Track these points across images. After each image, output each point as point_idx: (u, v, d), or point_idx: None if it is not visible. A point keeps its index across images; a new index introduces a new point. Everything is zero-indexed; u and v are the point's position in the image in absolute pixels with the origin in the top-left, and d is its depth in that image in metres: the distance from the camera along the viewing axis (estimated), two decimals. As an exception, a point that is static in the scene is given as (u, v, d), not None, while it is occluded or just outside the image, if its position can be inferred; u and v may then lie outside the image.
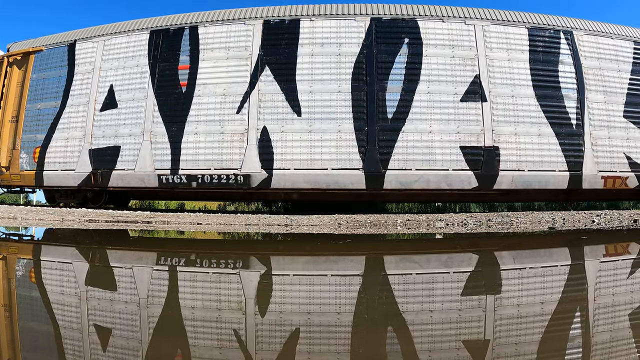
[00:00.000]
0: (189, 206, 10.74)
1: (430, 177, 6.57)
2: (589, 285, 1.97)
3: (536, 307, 1.57)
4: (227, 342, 1.22)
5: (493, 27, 7.18)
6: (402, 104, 6.67)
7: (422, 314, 1.50)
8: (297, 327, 1.35)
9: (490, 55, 7.04)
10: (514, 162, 6.79)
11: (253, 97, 6.74)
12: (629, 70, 7.79)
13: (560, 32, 7.46)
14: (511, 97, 6.96)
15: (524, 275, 2.28)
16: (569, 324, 1.39)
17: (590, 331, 1.28)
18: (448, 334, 1.31)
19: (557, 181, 6.95)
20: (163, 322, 1.38)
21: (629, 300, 1.69)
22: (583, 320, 1.41)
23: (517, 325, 1.38)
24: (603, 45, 7.73)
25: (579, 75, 7.34)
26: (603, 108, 7.42)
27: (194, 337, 1.24)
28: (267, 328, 1.34)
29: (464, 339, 1.26)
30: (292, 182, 6.58)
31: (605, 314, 1.49)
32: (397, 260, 2.95)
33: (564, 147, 7.05)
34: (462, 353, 1.14)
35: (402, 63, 6.80)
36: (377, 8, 7.02)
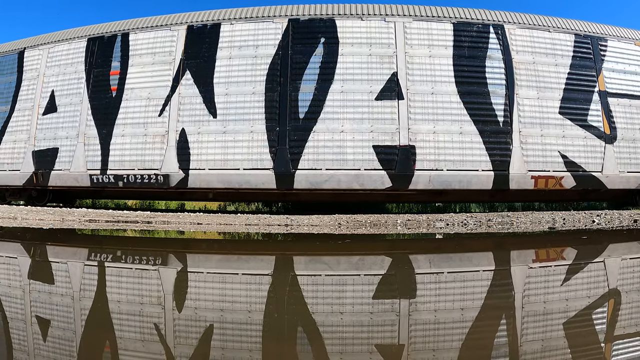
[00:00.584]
0: (189, 206, 11.22)
1: (341, 177, 6.59)
2: (512, 291, 1.99)
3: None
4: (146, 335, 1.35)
5: (415, 24, 7.08)
6: (315, 103, 6.74)
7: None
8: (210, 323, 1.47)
9: (410, 52, 6.95)
10: (432, 162, 6.67)
11: (174, 100, 7.05)
12: (567, 64, 7.42)
13: (489, 26, 7.23)
14: (431, 95, 6.83)
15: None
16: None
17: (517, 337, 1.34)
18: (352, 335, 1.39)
19: (480, 181, 6.75)
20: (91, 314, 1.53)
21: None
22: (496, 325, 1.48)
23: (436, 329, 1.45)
24: (539, 38, 7.41)
25: (509, 71, 7.08)
26: (536, 104, 7.12)
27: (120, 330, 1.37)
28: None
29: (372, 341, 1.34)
30: (207, 182, 6.83)
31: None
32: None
33: (488, 146, 6.83)
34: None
35: (316, 63, 6.87)
36: (296, 9, 7.13)
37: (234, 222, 5.89)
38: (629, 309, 1.61)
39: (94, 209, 7.76)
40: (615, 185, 7.46)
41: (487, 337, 1.34)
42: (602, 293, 1.90)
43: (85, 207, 8.63)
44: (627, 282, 2.09)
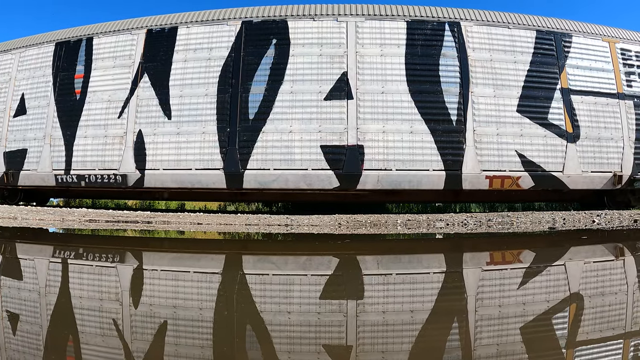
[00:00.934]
0: (189, 206, 11.53)
1: (289, 177, 6.68)
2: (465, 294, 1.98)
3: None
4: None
5: (367, 23, 7.10)
6: (264, 104, 6.85)
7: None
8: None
9: (361, 52, 6.97)
10: (381, 162, 6.68)
11: (132, 103, 7.28)
12: (527, 61, 7.30)
13: (445, 24, 7.17)
14: (381, 94, 6.84)
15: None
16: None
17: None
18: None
19: (430, 181, 6.72)
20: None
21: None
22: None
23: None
24: (497, 35, 7.32)
25: (464, 69, 7.02)
26: (492, 102, 7.03)
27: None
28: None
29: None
30: (162, 182, 7.03)
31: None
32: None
33: (440, 145, 6.79)
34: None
35: (267, 64, 6.97)
36: (250, 11, 7.25)
37: (234, 222, 5.97)
38: (584, 314, 1.60)
39: (94, 209, 7.99)
40: (578, 185, 7.29)
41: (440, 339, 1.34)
42: (560, 297, 1.85)
43: (85, 207, 9.00)
44: (585, 286, 2.06)
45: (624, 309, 1.60)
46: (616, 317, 1.51)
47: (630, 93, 7.95)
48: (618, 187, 7.56)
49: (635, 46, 8.27)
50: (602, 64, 7.85)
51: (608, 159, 7.52)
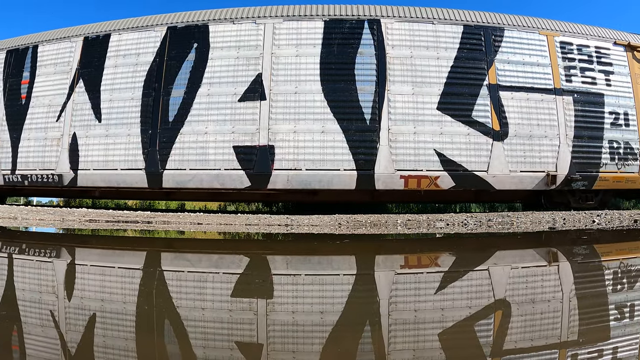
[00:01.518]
0: (189, 206, 12.14)
1: (203, 177, 6.97)
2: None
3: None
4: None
5: (285, 24, 7.26)
6: (183, 107, 7.18)
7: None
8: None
9: (277, 53, 7.15)
10: (291, 162, 6.83)
11: (69, 107, 7.83)
12: (452, 57, 7.22)
13: (364, 21, 7.23)
14: (294, 94, 6.99)
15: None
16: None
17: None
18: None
19: (342, 181, 6.80)
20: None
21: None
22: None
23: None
24: (420, 31, 7.28)
25: (381, 66, 7.05)
26: (410, 100, 7.01)
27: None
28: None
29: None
30: (92, 181, 7.51)
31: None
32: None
33: (352, 145, 6.86)
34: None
35: (188, 68, 7.30)
36: (175, 17, 7.61)
37: (234, 222, 6.11)
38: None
39: (94, 209, 8.34)
40: (505, 185, 7.12)
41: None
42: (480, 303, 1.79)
43: (85, 207, 9.54)
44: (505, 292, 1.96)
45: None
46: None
47: (569, 88, 7.67)
48: (552, 188, 7.31)
49: (578, 39, 7.97)
50: (538, 58, 7.62)
51: (540, 158, 7.30)
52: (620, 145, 7.92)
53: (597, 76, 7.99)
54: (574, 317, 1.48)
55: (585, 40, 8.09)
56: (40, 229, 5.25)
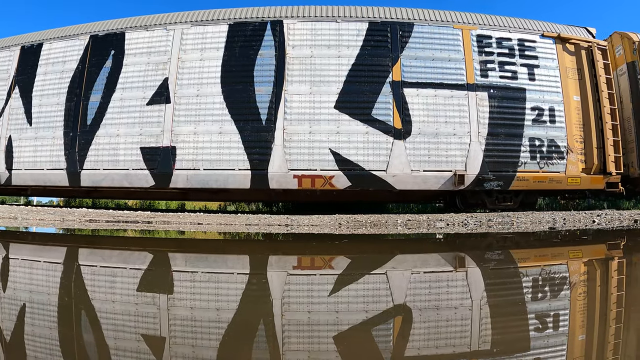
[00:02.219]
0: (189, 206, 13.02)
1: (114, 176, 7.53)
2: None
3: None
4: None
5: (193, 29, 7.69)
6: (99, 111, 7.80)
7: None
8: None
9: (183, 58, 7.60)
10: (190, 162, 7.25)
11: (6, 112, 8.68)
12: (354, 55, 7.35)
13: (267, 23, 7.52)
14: (196, 97, 7.40)
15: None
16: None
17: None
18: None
19: (237, 180, 7.13)
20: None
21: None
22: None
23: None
24: (323, 30, 7.49)
25: (280, 67, 7.32)
26: (307, 100, 7.24)
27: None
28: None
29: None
30: (24, 180, 8.31)
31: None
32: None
33: (247, 145, 7.18)
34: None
35: (105, 74, 7.92)
36: (97, 26, 8.28)
37: (234, 222, 6.26)
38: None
39: (95, 208, 8.82)
40: (407, 186, 7.16)
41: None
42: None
43: (85, 207, 10.22)
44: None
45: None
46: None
47: (484, 83, 7.56)
48: (461, 188, 7.22)
49: (499, 32, 7.83)
50: (450, 53, 7.57)
51: (448, 157, 7.26)
52: (544, 142, 7.67)
53: (519, 70, 7.79)
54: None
55: (507, 33, 7.91)
56: (41, 229, 5.47)
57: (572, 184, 7.79)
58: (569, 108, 7.95)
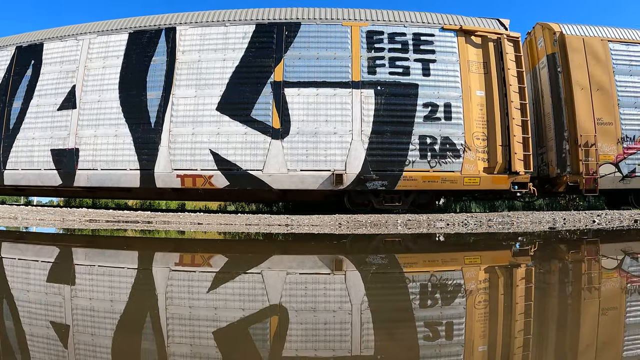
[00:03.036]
0: (189, 206, 14.19)
1: (30, 176, 8.54)
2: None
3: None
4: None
5: (98, 39, 8.50)
6: (20, 116, 8.84)
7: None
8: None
9: (89, 66, 8.43)
10: (90, 162, 8.07)
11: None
12: (238, 57, 7.81)
13: (162, 30, 8.14)
14: (97, 102, 8.21)
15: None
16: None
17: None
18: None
19: (128, 180, 7.85)
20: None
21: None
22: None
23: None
24: (211, 35, 8.00)
25: (170, 72, 7.91)
26: (192, 103, 7.79)
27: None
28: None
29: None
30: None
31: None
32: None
33: (138, 146, 7.86)
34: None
35: (26, 82, 8.96)
36: (21, 38, 9.33)
37: (235, 222, 6.42)
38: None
39: (95, 208, 9.25)
40: (283, 185, 7.48)
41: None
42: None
43: (85, 207, 11.04)
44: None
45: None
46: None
47: (371, 80, 7.69)
48: (341, 188, 7.39)
49: (392, 28, 7.90)
50: (336, 51, 7.77)
51: (327, 157, 7.48)
52: (436, 140, 7.63)
53: (413, 65, 7.80)
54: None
55: (401, 28, 7.93)
56: (41, 229, 5.68)
57: (469, 184, 7.66)
58: (469, 104, 7.81)
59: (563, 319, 1.56)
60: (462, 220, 6.26)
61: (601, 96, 8.59)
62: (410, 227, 5.85)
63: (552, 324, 1.47)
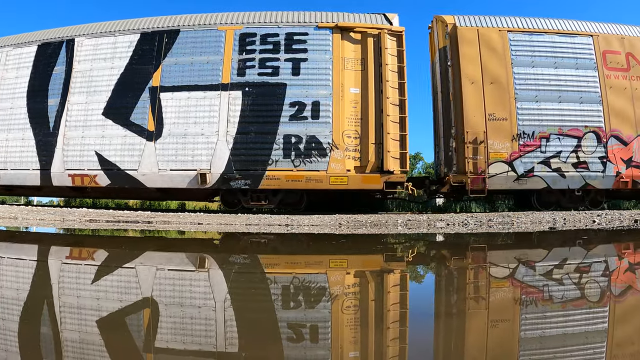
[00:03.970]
0: (189, 206, 15.63)
1: (-37, 176, 9.93)
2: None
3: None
4: None
5: (14, 51, 9.80)
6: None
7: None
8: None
9: (5, 76, 9.80)
10: (2, 163, 9.26)
11: None
12: (123, 65, 8.65)
13: (64, 42, 9.18)
14: (10, 109, 9.46)
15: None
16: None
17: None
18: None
19: (31, 179, 9.02)
20: None
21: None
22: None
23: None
24: (103, 45, 8.91)
25: (67, 81, 8.94)
26: (83, 108, 8.77)
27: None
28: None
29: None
30: None
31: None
32: None
33: (40, 149, 8.99)
34: None
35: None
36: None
37: (235, 222, 6.54)
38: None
39: (95, 208, 9.68)
40: (156, 184, 8.22)
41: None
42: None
43: (86, 207, 11.83)
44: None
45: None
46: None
47: (240, 82, 8.21)
48: (207, 187, 7.95)
49: (266, 29, 8.37)
50: (209, 55, 8.36)
51: (194, 157, 8.09)
52: (302, 139, 7.94)
53: (283, 65, 8.18)
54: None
55: (275, 29, 8.34)
56: (41, 229, 5.79)
57: (336, 184, 7.88)
58: (340, 102, 8.02)
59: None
60: (462, 220, 6.41)
61: (495, 90, 8.37)
62: (411, 227, 6.02)
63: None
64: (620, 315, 1.66)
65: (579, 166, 8.38)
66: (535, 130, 8.34)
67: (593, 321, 1.55)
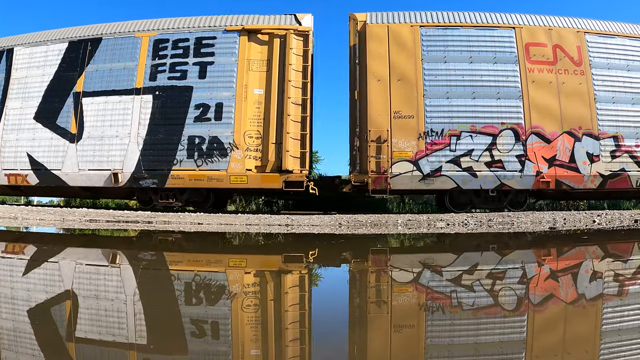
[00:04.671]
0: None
1: None
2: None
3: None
4: None
5: (-26, 62, 10.83)
6: None
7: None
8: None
9: (-34, 85, 10.80)
10: (-40, 165, 10.37)
11: None
12: (53, 72, 9.50)
13: (5, 51, 10.17)
14: (-34, 115, 10.50)
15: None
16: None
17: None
18: None
19: (-13, 179, 9.99)
20: None
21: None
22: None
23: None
24: (37, 54, 9.97)
25: (6, 87, 9.92)
26: (18, 113, 9.75)
27: None
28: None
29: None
30: None
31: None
32: None
33: (-14, 151, 9.93)
34: None
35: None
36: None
37: (235, 222, 6.71)
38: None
39: (95, 208, 9.99)
40: (77, 182, 9.00)
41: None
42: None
43: (86, 207, 11.40)
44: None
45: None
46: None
47: (152, 86, 8.85)
48: (120, 185, 8.61)
49: (177, 35, 8.91)
50: (126, 61, 9.08)
51: (109, 157, 8.78)
52: (205, 140, 8.41)
53: (190, 69, 8.70)
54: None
55: (186, 34, 8.88)
56: (41, 229, 5.92)
57: (236, 183, 8.28)
58: (243, 103, 8.41)
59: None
60: (462, 220, 6.56)
61: (403, 87, 8.41)
62: (411, 227, 6.20)
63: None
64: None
65: (493, 165, 8.24)
66: (445, 128, 8.29)
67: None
